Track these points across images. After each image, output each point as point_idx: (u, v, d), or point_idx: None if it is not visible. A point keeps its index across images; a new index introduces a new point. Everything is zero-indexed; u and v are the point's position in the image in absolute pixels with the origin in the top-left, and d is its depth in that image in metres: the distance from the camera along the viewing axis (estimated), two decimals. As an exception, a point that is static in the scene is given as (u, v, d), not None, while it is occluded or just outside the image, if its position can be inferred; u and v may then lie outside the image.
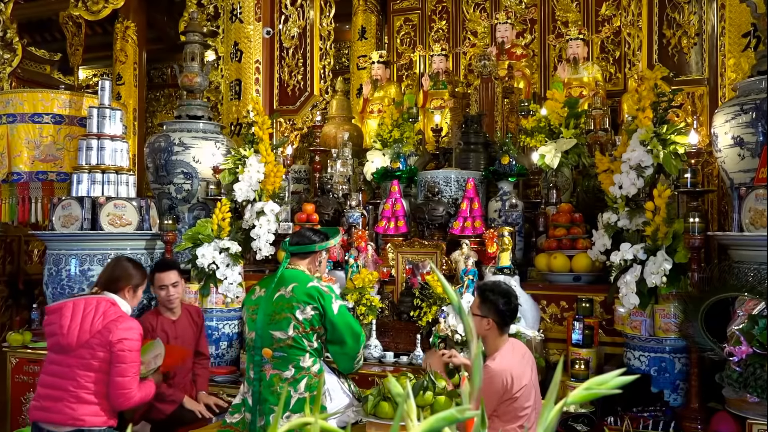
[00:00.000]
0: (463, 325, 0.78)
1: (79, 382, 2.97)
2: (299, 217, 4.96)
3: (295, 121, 6.34)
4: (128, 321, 3.07)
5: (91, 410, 2.98)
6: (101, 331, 2.98)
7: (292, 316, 2.95)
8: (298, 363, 2.97)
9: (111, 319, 3.01)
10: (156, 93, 10.39)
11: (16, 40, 7.22)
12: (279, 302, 3.00)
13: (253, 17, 6.09)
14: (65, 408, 2.96)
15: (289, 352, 2.97)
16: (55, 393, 2.99)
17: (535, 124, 4.67)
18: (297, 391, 2.96)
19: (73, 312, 3.02)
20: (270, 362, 2.99)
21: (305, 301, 2.96)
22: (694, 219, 3.51)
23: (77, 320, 3.00)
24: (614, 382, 0.74)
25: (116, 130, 4.94)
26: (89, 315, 3.01)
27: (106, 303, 3.08)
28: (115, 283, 3.20)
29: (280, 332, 2.96)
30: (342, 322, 3.00)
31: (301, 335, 2.96)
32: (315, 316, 2.96)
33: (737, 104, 3.82)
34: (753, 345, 3.00)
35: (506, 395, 2.74)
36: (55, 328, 3.01)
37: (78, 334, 2.97)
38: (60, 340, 2.99)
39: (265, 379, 2.99)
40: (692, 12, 5.09)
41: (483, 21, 6.58)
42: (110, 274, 3.24)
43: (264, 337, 3.00)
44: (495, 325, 2.88)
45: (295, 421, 0.76)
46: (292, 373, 2.96)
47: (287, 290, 3.00)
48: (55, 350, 3.05)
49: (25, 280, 6.29)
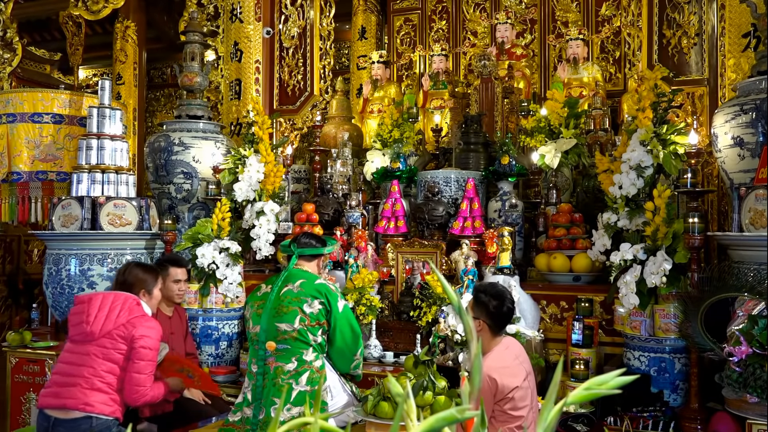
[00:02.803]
0: (463, 325, 0.78)
1: (96, 369, 3.04)
2: (299, 217, 4.96)
3: (295, 121, 6.34)
4: (151, 321, 3.18)
5: (102, 398, 3.04)
6: (125, 324, 3.08)
7: (299, 309, 3.04)
8: (301, 356, 3.03)
9: (135, 315, 3.12)
10: (156, 93, 10.39)
11: (16, 40, 7.22)
12: (286, 296, 3.09)
13: (253, 17, 6.09)
14: (78, 392, 3.02)
15: (292, 344, 3.04)
16: (70, 380, 3.06)
17: (535, 124, 4.67)
18: (298, 384, 3.01)
19: (102, 302, 3.13)
20: (273, 355, 3.05)
21: (313, 296, 3.07)
22: (693, 219, 3.51)
23: (105, 311, 3.10)
24: (614, 382, 0.74)
25: (116, 129, 4.94)
26: (116, 308, 3.12)
27: (132, 300, 3.20)
28: (129, 289, 3.29)
29: (286, 324, 3.04)
30: (344, 320, 3.13)
31: (306, 328, 3.04)
32: (321, 311, 3.07)
33: (737, 104, 3.82)
34: (753, 345, 3.00)
35: (498, 395, 2.73)
36: (82, 316, 3.11)
37: (103, 323, 3.07)
38: (85, 328, 3.08)
39: (269, 372, 3.04)
40: (692, 12, 5.09)
41: (483, 21, 6.58)
42: (123, 282, 3.33)
43: (269, 330, 3.06)
44: (486, 327, 2.87)
45: (295, 421, 0.76)
46: (295, 366, 3.02)
47: (295, 285, 3.11)
48: (76, 340, 3.13)
49: (25, 279, 6.29)
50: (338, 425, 2.90)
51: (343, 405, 3.19)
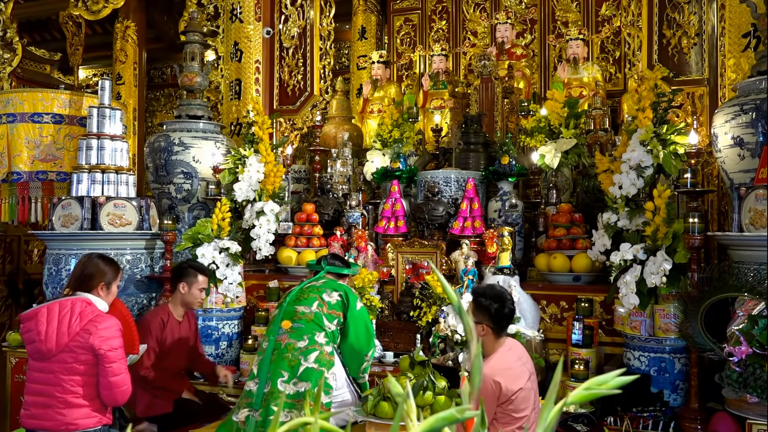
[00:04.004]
0: (463, 325, 0.78)
1: (65, 387, 2.92)
2: (299, 217, 4.96)
3: (295, 121, 6.34)
4: (106, 320, 3.00)
5: (82, 413, 2.94)
6: (80, 333, 2.92)
7: (319, 296, 3.27)
8: (313, 336, 3.16)
9: (88, 319, 2.95)
10: (156, 93, 10.39)
11: (16, 40, 7.22)
12: (309, 286, 3.37)
13: (253, 17, 6.09)
14: (56, 414, 2.92)
15: (306, 324, 3.18)
16: (43, 400, 2.95)
17: (535, 124, 4.67)
18: (307, 361, 3.08)
19: (49, 317, 2.94)
20: (287, 332, 3.17)
21: (333, 288, 3.34)
22: (693, 219, 3.51)
23: (54, 324, 2.92)
24: (614, 382, 0.74)
25: (116, 129, 4.94)
26: (65, 318, 2.94)
27: (81, 303, 3.00)
28: (88, 281, 3.12)
29: (304, 307, 3.24)
30: (360, 319, 3.30)
31: (322, 313, 3.21)
32: (339, 303, 3.28)
33: (737, 104, 3.82)
34: (753, 345, 3.00)
35: (502, 398, 2.72)
36: (33, 335, 2.94)
37: (56, 338, 2.91)
38: (39, 347, 2.92)
39: (280, 348, 3.14)
40: (692, 12, 5.09)
41: (483, 21, 6.58)
42: (82, 273, 3.15)
43: (288, 311, 3.26)
44: (490, 331, 2.86)
45: (295, 421, 0.76)
46: (306, 344, 3.13)
47: (319, 282, 3.40)
48: (36, 357, 2.98)
49: (25, 279, 6.29)
50: (338, 425, 2.91)
51: (344, 403, 3.21)
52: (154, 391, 3.73)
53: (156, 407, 3.73)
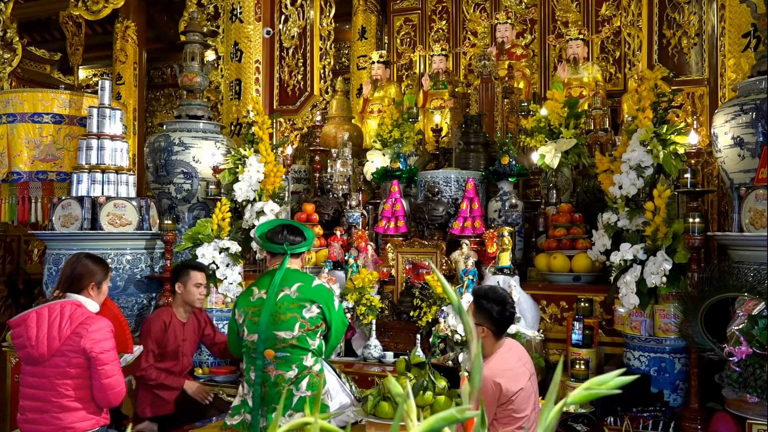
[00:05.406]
0: (463, 325, 0.78)
1: (60, 391, 2.90)
2: (299, 217, 4.96)
3: (295, 121, 6.33)
4: (96, 321, 2.97)
5: (78, 416, 2.93)
6: (71, 336, 2.89)
7: (299, 315, 2.95)
8: (301, 362, 2.97)
9: (79, 322, 2.92)
10: (156, 93, 10.39)
11: (16, 40, 7.22)
12: (284, 302, 2.97)
13: (253, 17, 6.09)
14: (52, 419, 2.90)
15: (292, 352, 2.96)
16: (38, 405, 2.93)
17: (535, 124, 4.67)
18: (299, 390, 2.97)
19: (38, 321, 2.91)
20: (273, 363, 2.97)
21: (311, 300, 2.97)
22: (694, 219, 3.51)
23: (44, 329, 2.89)
24: (614, 382, 0.74)
25: (116, 129, 4.94)
26: (55, 322, 2.90)
27: (71, 306, 2.97)
28: (78, 281, 3.08)
29: (285, 332, 2.94)
30: (339, 319, 3.13)
31: (305, 334, 2.96)
32: (319, 315, 2.99)
33: (737, 104, 3.82)
34: (753, 345, 3.00)
35: (502, 399, 2.73)
36: (23, 340, 2.91)
37: (48, 343, 2.88)
38: (31, 352, 2.90)
39: (270, 380, 2.97)
40: (692, 12, 5.09)
41: (483, 21, 6.58)
42: (71, 274, 3.11)
43: (268, 338, 2.96)
44: (490, 333, 2.86)
45: (295, 421, 0.76)
46: (295, 373, 2.96)
47: (292, 290, 2.99)
48: (28, 362, 2.96)
49: (25, 279, 6.29)
50: (338, 425, 2.91)
51: (343, 406, 3.19)
52: (155, 391, 3.73)
53: (158, 407, 3.73)
